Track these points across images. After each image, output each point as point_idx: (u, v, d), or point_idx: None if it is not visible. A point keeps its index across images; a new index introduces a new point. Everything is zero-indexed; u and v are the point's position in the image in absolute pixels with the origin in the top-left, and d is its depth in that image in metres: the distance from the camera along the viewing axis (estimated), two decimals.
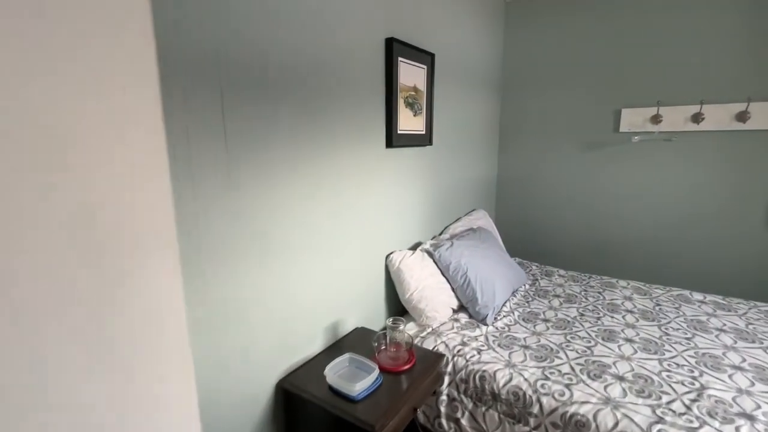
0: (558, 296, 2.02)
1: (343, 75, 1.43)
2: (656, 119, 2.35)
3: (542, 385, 1.30)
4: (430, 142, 1.99)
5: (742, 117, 2.12)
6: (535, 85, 2.78)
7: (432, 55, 1.89)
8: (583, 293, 2.05)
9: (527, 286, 2.16)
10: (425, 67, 1.85)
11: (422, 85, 1.85)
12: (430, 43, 1.90)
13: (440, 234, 2.26)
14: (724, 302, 1.91)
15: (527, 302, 1.95)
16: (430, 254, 1.84)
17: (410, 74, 1.75)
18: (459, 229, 2.28)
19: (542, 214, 2.91)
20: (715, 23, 2.14)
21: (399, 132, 1.73)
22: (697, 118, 2.23)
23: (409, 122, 1.79)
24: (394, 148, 1.72)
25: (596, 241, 2.71)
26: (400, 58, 1.66)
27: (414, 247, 1.98)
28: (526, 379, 1.33)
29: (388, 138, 1.68)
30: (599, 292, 2.05)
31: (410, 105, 1.78)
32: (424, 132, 1.92)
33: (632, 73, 2.41)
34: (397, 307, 1.85)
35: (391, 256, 1.77)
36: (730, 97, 2.15)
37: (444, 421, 1.44)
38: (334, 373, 1.24)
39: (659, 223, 2.46)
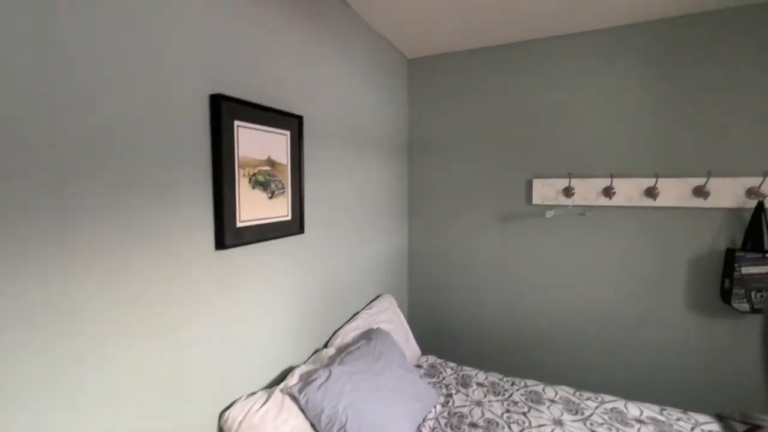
0: (475, 426, 1.54)
1: (135, 151, 0.89)
2: (569, 192, 2.13)
3: None
4: (300, 230, 1.48)
5: (651, 193, 1.96)
6: (443, 149, 2.48)
7: (299, 118, 1.44)
8: (505, 417, 1.59)
9: (438, 409, 1.65)
10: (287, 133, 1.38)
11: (283, 157, 1.37)
12: (296, 102, 1.45)
13: (326, 344, 1.71)
14: (661, 417, 1.58)
15: None
16: (295, 398, 1.26)
17: (260, 143, 1.26)
18: (351, 335, 1.75)
19: (457, 297, 2.51)
20: (623, 99, 2.02)
21: (240, 225, 1.19)
22: (608, 192, 2.04)
23: (260, 208, 1.27)
24: (231, 248, 1.17)
25: (517, 330, 2.35)
26: (238, 122, 1.16)
27: (279, 380, 1.39)
28: None
29: (218, 236, 1.13)
30: (524, 414, 1.62)
31: (262, 184, 1.27)
32: (289, 218, 1.41)
33: (543, 141, 2.21)
34: None
35: (229, 413, 1.15)
36: (639, 171, 2.00)
37: None
38: None
39: (581, 309, 2.18)
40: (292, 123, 1.40)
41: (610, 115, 2.05)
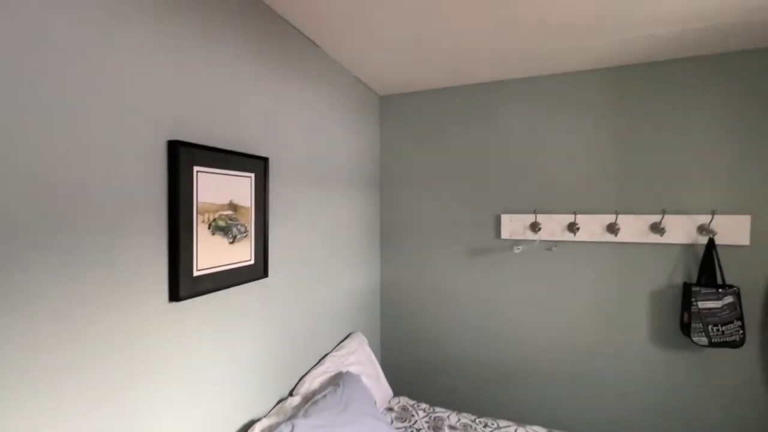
0: None
1: (82, 201, 0.83)
2: (535, 227, 2.18)
3: None
4: (264, 274, 1.43)
5: (612, 229, 2.03)
6: (415, 183, 2.51)
7: (264, 160, 1.42)
8: None
9: None
10: (251, 175, 1.35)
11: (247, 200, 1.33)
12: (262, 143, 1.43)
13: (292, 392, 1.62)
14: None
15: None
16: None
17: (222, 187, 1.22)
18: (319, 381, 1.67)
19: (430, 332, 2.48)
20: (583, 139, 2.12)
21: (198, 273, 1.13)
22: (572, 227, 2.11)
23: (220, 255, 1.22)
24: (187, 299, 1.11)
25: (489, 366, 2.33)
26: (198, 168, 1.13)
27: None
28: None
29: (172, 287, 1.07)
30: None
31: (222, 229, 1.23)
32: (252, 262, 1.36)
33: (510, 178, 2.28)
34: None
35: None
36: (600, 208, 2.08)
37: None
38: None
39: (551, 343, 2.19)
40: (257, 165, 1.37)
41: (573, 154, 2.14)
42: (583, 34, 1.69)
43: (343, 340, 2.07)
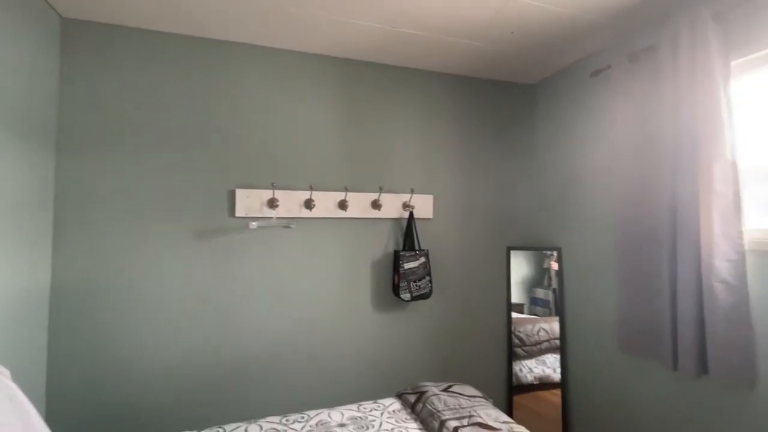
0: None
1: None
2: (273, 203, 2.05)
3: None
4: None
5: (343, 205, 2.16)
6: (117, 145, 1.87)
7: None
8: None
9: None
10: None
11: None
12: None
13: None
14: (359, 414, 1.62)
15: None
16: None
17: None
18: None
19: (138, 341, 1.86)
20: (319, 118, 2.17)
21: None
22: (309, 204, 2.10)
23: None
24: None
25: (224, 364, 1.97)
26: None
27: None
28: None
29: None
30: None
31: None
32: None
33: (246, 150, 2.05)
34: None
35: None
36: (333, 186, 2.18)
37: None
38: None
39: (289, 327, 2.08)
40: None
41: (310, 132, 2.16)
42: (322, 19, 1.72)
43: None
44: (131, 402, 1.83)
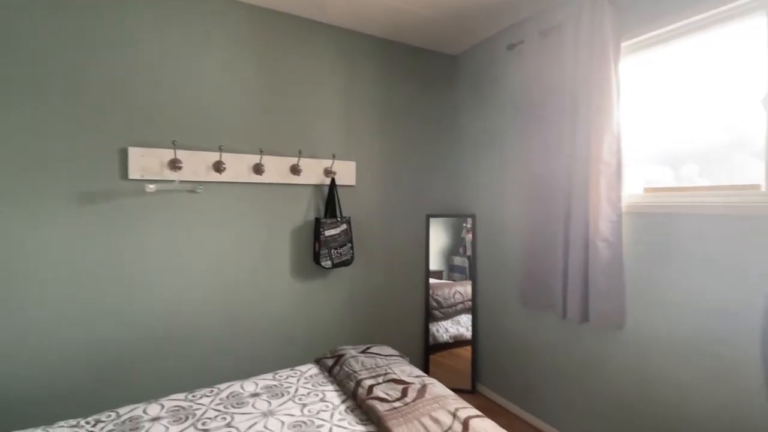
0: None
1: None
2: (175, 165, 1.82)
3: None
4: None
5: (258, 169, 2.02)
6: None
7: None
8: None
9: None
10: None
11: None
12: None
13: None
14: (274, 382, 1.57)
15: None
16: None
17: None
18: None
19: (14, 327, 1.57)
20: (231, 74, 1.96)
21: None
22: (218, 167, 1.92)
23: None
24: None
25: (134, 342, 1.76)
26: None
27: None
28: None
29: None
30: None
31: None
32: None
33: (142, 101, 1.78)
34: None
35: None
36: (247, 148, 2.00)
37: None
38: None
39: (202, 297, 1.92)
40: None
41: (221, 87, 1.94)
42: None
43: None
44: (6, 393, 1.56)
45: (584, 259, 1.75)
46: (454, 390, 1.59)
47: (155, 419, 1.30)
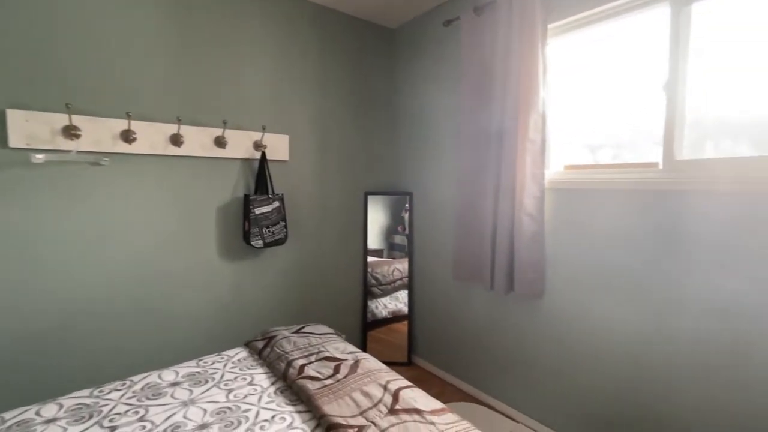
0: None
1: None
2: (71, 132, 1.57)
3: None
4: None
5: (176, 141, 1.82)
6: None
7: None
8: None
9: None
10: None
11: None
12: None
13: None
14: (198, 369, 1.47)
15: None
16: None
17: None
18: None
19: None
20: (143, 33, 1.71)
21: None
22: (127, 136, 1.69)
23: None
24: None
25: (36, 337, 1.52)
26: None
27: None
28: None
29: None
30: None
31: None
32: None
33: (26, 52, 1.49)
34: None
35: None
36: (163, 117, 1.79)
37: None
38: None
39: (108, 283, 1.71)
40: None
41: (129, 43, 1.69)
42: None
43: None
44: None
45: (510, 232, 1.84)
46: (391, 363, 1.61)
47: (51, 421, 1.14)
